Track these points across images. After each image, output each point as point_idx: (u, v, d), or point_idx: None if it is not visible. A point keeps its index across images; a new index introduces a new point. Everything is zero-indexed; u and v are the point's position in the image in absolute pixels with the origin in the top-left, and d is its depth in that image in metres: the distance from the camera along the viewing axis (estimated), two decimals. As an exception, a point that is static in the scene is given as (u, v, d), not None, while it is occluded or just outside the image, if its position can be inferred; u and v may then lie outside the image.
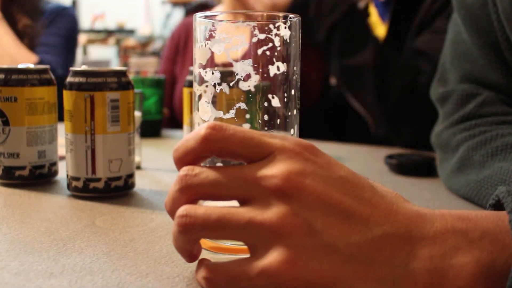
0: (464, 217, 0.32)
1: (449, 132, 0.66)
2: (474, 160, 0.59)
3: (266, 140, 0.32)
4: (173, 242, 0.34)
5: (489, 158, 0.57)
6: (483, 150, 0.59)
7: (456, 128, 0.65)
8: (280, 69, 0.38)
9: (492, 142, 0.58)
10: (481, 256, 0.30)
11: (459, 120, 0.65)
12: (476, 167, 0.58)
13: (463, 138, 0.62)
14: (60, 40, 1.49)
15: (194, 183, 0.32)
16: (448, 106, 0.68)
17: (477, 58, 0.64)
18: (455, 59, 0.68)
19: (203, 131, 0.32)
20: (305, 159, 0.32)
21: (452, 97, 0.67)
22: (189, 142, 0.33)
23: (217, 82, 0.38)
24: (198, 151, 0.33)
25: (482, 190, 0.55)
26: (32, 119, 0.62)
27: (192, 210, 0.32)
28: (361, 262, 0.30)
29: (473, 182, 0.57)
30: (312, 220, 0.30)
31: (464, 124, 0.64)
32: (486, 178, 0.55)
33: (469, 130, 0.63)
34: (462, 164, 0.61)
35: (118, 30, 5.64)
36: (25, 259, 0.40)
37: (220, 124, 0.32)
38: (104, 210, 0.53)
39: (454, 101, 0.66)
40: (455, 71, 0.68)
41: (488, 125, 0.61)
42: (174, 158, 0.34)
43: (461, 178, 0.60)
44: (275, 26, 0.37)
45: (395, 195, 0.34)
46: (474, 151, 0.60)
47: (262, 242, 0.30)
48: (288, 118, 0.39)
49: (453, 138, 0.64)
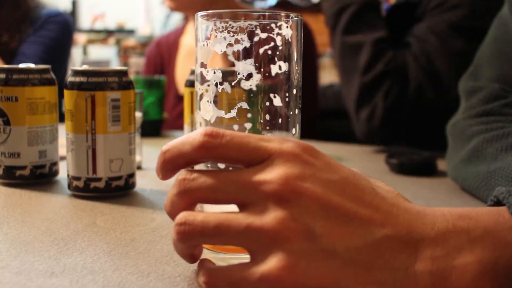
0: (465, 215, 0.32)
1: (466, 123, 0.65)
2: (487, 152, 0.59)
3: (263, 145, 0.32)
4: (173, 247, 0.34)
5: (502, 152, 0.57)
6: (498, 144, 0.58)
7: (474, 120, 0.64)
8: (282, 68, 0.38)
9: (509, 138, 0.58)
10: (484, 255, 0.30)
11: (479, 114, 0.64)
12: (488, 159, 0.58)
13: (479, 130, 0.62)
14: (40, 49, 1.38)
15: (193, 187, 0.32)
16: (473, 100, 0.67)
17: None
18: (495, 56, 0.67)
19: (200, 138, 0.32)
20: (304, 162, 0.31)
21: (480, 93, 0.66)
22: (184, 146, 0.33)
23: (218, 81, 0.37)
24: (194, 157, 0.33)
25: (492, 182, 0.55)
26: (33, 119, 0.62)
27: (191, 217, 0.31)
28: (361, 266, 0.30)
29: (483, 173, 0.57)
30: (312, 224, 0.30)
31: (483, 118, 0.63)
32: (497, 169, 0.55)
33: (486, 124, 0.62)
34: (474, 155, 0.61)
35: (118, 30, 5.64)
36: (26, 258, 0.40)
37: (217, 131, 0.32)
38: (105, 209, 0.53)
39: (481, 97, 0.66)
40: (491, 68, 0.67)
41: (507, 122, 0.61)
42: (166, 158, 0.33)
43: (470, 168, 0.60)
44: (277, 25, 0.37)
45: (396, 195, 0.33)
46: (488, 143, 0.59)
47: (261, 247, 0.30)
48: (290, 118, 0.39)
49: (468, 129, 0.64)
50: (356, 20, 0.98)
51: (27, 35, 1.39)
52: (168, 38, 1.50)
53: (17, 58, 1.35)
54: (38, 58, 1.36)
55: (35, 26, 1.41)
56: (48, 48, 1.40)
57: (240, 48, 0.37)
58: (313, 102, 1.34)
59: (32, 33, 1.40)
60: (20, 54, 1.36)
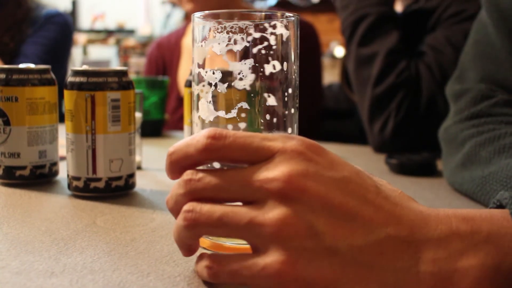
0: (468, 218, 0.32)
1: (457, 128, 0.65)
2: (481, 156, 0.59)
3: (266, 144, 0.32)
4: (174, 236, 0.34)
5: (496, 155, 0.57)
6: (491, 147, 0.58)
7: (465, 124, 0.64)
8: (276, 68, 0.38)
9: (501, 139, 0.58)
10: (487, 259, 0.30)
11: (468, 117, 0.64)
12: (482, 163, 0.58)
13: (471, 134, 0.62)
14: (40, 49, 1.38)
15: (198, 187, 0.33)
16: (461, 103, 0.67)
17: (503, 61, 0.63)
18: (477, 58, 0.67)
19: (203, 141, 0.32)
20: (308, 160, 0.32)
21: (467, 95, 0.66)
22: (188, 148, 0.33)
23: (215, 81, 0.38)
24: (199, 159, 0.33)
25: (487, 186, 0.55)
26: (33, 119, 0.62)
27: (198, 206, 0.32)
28: (362, 265, 0.30)
29: (478, 178, 0.57)
30: (314, 222, 0.30)
31: (474, 121, 0.63)
32: (491, 174, 0.55)
33: (477, 126, 0.62)
34: (467, 159, 0.60)
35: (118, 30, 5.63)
36: (26, 258, 0.40)
37: (220, 132, 0.32)
38: (104, 209, 0.53)
39: (469, 99, 0.66)
40: (475, 70, 0.67)
41: (498, 124, 0.61)
42: (172, 161, 0.34)
43: (465, 174, 0.60)
44: (270, 24, 0.37)
45: (399, 195, 0.33)
46: (481, 147, 0.59)
47: (262, 242, 0.31)
48: (287, 117, 0.39)
49: (460, 134, 0.64)
50: (372, 31, 0.97)
51: (26, 36, 1.39)
52: (169, 40, 1.49)
53: (17, 59, 1.34)
54: (38, 58, 1.36)
55: (35, 27, 1.41)
56: (48, 48, 1.40)
57: (236, 48, 0.37)
58: (316, 102, 1.33)
59: (32, 34, 1.40)
60: (20, 55, 1.36)
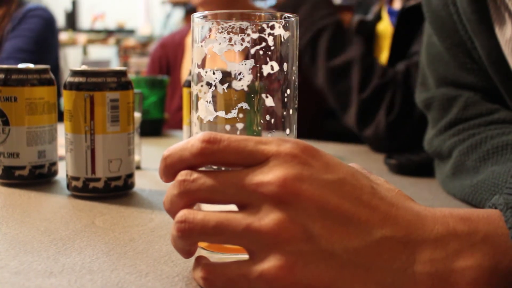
0: (466, 218, 0.32)
1: (439, 139, 0.66)
2: (467, 166, 0.59)
3: (261, 148, 0.32)
4: (171, 242, 0.34)
5: (481, 163, 0.57)
6: (475, 155, 0.58)
7: (445, 135, 0.65)
8: (274, 68, 0.38)
9: (483, 145, 0.58)
10: (484, 259, 0.30)
11: (446, 126, 0.65)
12: (470, 172, 0.58)
13: (453, 144, 0.62)
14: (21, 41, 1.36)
15: (192, 188, 0.33)
16: (434, 113, 0.68)
17: (449, 60, 0.64)
18: (430, 62, 0.68)
19: (198, 145, 0.32)
20: (302, 163, 0.31)
21: (435, 103, 0.67)
22: (183, 152, 0.33)
23: (215, 82, 0.38)
24: (193, 163, 0.33)
25: (477, 195, 0.55)
26: (32, 119, 0.62)
27: (191, 216, 0.32)
28: (359, 266, 0.30)
29: (468, 187, 0.57)
30: (310, 225, 0.30)
31: (452, 130, 0.64)
32: (479, 182, 0.55)
33: (458, 135, 0.62)
34: (456, 169, 0.61)
35: (118, 30, 5.64)
36: (25, 258, 0.40)
37: (215, 136, 0.32)
38: (103, 210, 0.53)
39: (437, 106, 0.66)
40: (431, 74, 0.68)
41: (476, 128, 0.61)
42: (167, 164, 0.34)
43: (456, 183, 0.60)
44: (268, 25, 0.37)
45: (396, 194, 0.33)
46: (465, 156, 0.60)
47: (260, 248, 0.31)
48: (284, 118, 0.39)
49: (443, 145, 0.64)
50: (336, 41, 0.95)
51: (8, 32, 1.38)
52: (173, 39, 1.48)
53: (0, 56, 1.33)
54: (20, 51, 1.34)
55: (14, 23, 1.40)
56: (30, 39, 1.38)
57: (236, 49, 0.37)
58: (316, 102, 1.33)
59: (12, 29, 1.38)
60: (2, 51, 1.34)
